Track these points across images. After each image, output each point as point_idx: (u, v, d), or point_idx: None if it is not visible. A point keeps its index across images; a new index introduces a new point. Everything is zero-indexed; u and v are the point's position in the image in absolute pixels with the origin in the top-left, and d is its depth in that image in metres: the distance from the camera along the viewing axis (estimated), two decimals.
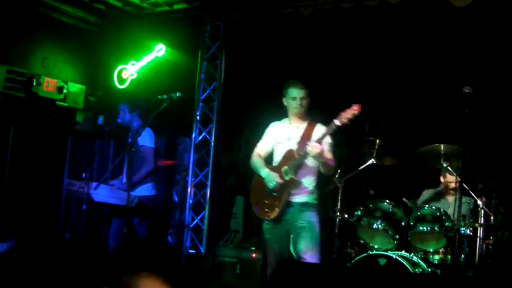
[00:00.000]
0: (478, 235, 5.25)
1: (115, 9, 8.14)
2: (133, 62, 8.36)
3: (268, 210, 5.31)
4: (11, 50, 7.66)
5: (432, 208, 5.51)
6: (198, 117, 7.66)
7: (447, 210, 5.54)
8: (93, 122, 8.57)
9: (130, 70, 8.38)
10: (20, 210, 7.45)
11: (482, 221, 5.25)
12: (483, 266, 5.20)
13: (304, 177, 5.27)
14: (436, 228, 5.36)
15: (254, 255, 6.61)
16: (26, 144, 7.66)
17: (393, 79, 6.95)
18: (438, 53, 6.60)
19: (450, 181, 5.92)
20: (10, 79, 7.56)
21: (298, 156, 5.21)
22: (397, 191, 6.22)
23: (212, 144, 7.60)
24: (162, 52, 8.12)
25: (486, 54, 6.31)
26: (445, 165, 5.61)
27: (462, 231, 5.25)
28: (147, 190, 6.40)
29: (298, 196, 5.26)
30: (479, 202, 5.29)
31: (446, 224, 5.36)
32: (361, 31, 6.96)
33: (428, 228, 5.40)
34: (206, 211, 7.50)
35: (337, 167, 5.53)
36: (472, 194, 5.38)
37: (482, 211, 5.26)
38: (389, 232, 5.56)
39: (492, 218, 5.26)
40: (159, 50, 8.13)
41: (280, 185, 5.23)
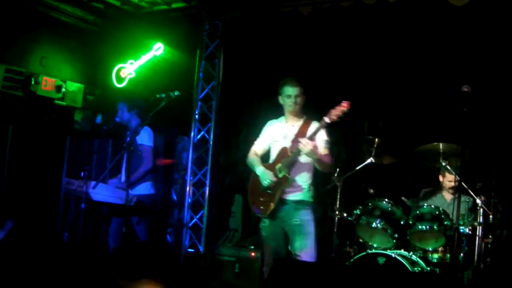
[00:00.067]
0: (477, 233, 5.25)
1: (114, 8, 8.12)
2: (132, 61, 8.36)
3: (263, 208, 5.32)
4: (9, 49, 7.64)
5: (431, 207, 5.51)
6: (197, 116, 7.65)
7: (445, 209, 5.54)
8: (92, 121, 8.56)
9: (129, 69, 8.38)
10: (19, 209, 7.44)
11: (481, 220, 5.24)
12: (482, 265, 5.20)
13: (298, 175, 5.26)
14: (435, 227, 5.37)
15: (253, 254, 6.62)
16: (25, 143, 7.66)
17: (392, 78, 6.95)
18: (437, 52, 6.60)
19: (449, 180, 5.92)
20: (9, 78, 7.55)
21: (291, 153, 5.22)
22: (396, 190, 6.22)
23: (211, 143, 7.58)
24: (161, 51, 8.12)
25: (484, 53, 6.31)
26: (444, 164, 5.62)
27: (461, 230, 5.25)
28: (146, 189, 6.41)
29: (293, 194, 5.26)
30: (478, 201, 5.29)
31: (445, 223, 5.37)
32: (360, 29, 6.97)
33: (427, 227, 5.41)
34: (205, 210, 7.49)
35: (334, 164, 5.50)
36: (471, 193, 5.38)
37: (481, 210, 5.26)
38: (388, 231, 5.57)
39: (491, 217, 5.26)
40: (158, 49, 8.12)
41: (274, 183, 5.24)
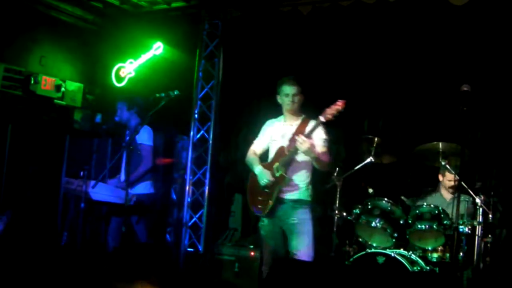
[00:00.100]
0: (477, 233, 5.25)
1: (113, 7, 8.11)
2: (131, 60, 8.35)
3: (261, 207, 5.33)
4: (9, 48, 7.64)
5: (431, 206, 5.51)
6: (196, 115, 7.63)
7: (444, 208, 5.53)
8: (91, 120, 8.56)
9: (128, 68, 8.37)
10: (18, 209, 7.43)
11: (481, 219, 5.25)
12: (481, 264, 5.20)
13: (295, 174, 5.26)
14: (434, 226, 5.36)
15: (252, 253, 6.63)
16: (24, 143, 7.66)
17: (391, 77, 6.95)
18: (437, 51, 6.59)
19: (449, 179, 5.91)
20: (8, 78, 7.55)
21: (288, 152, 5.22)
22: (396, 189, 6.21)
23: (210, 142, 7.57)
24: (160, 50, 8.12)
25: (484, 52, 6.31)
26: (443, 163, 5.61)
27: (461, 229, 5.25)
28: (145, 188, 6.41)
29: (291, 193, 5.26)
30: (478, 200, 5.29)
31: (445, 222, 5.36)
32: (360, 29, 6.96)
33: (427, 226, 5.40)
34: (205, 209, 7.48)
35: (332, 163, 5.49)
36: (471, 192, 5.38)
37: (481, 209, 5.26)
38: (388, 230, 5.56)
39: (490, 216, 5.26)
40: (157, 48, 8.12)
41: (271, 182, 5.25)
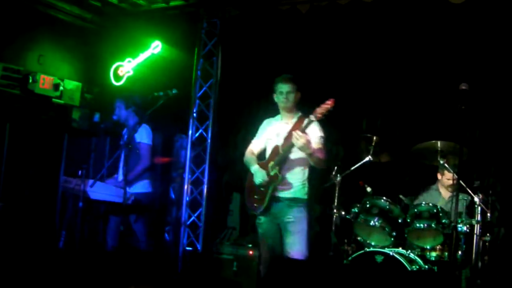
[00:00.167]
0: (475, 232, 5.25)
1: (112, 6, 8.10)
2: (130, 59, 8.33)
3: (257, 205, 5.36)
4: (7, 47, 7.62)
5: (429, 205, 5.50)
6: (195, 114, 7.63)
7: (443, 207, 5.53)
8: (89, 119, 8.55)
9: (127, 67, 8.36)
10: (16, 207, 7.43)
11: (479, 218, 5.25)
12: (480, 263, 5.20)
13: (290, 172, 5.27)
14: (433, 225, 5.36)
15: (251, 252, 6.63)
16: (22, 142, 7.65)
17: (390, 75, 6.94)
18: (435, 49, 6.59)
19: (447, 178, 5.91)
20: (6, 77, 7.54)
21: (282, 151, 5.25)
22: (394, 188, 6.21)
23: (209, 141, 7.57)
24: (159, 49, 8.10)
25: (482, 50, 6.31)
26: (442, 162, 5.60)
27: (459, 228, 5.25)
28: (143, 187, 6.40)
29: (286, 191, 5.27)
30: (476, 199, 5.29)
31: (443, 221, 5.36)
32: (358, 27, 6.95)
33: (425, 225, 5.40)
34: (203, 208, 7.48)
35: (328, 160, 5.47)
36: (469, 191, 5.38)
37: (479, 208, 5.26)
38: (386, 229, 5.56)
39: (489, 215, 5.26)
40: (156, 47, 8.10)
41: (266, 181, 5.27)
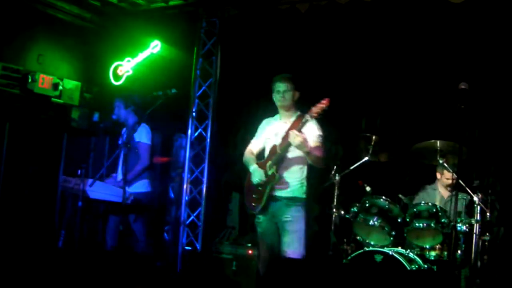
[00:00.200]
0: (474, 231, 5.25)
1: (111, 5, 8.10)
2: (129, 58, 8.34)
3: (255, 204, 5.38)
4: (6, 47, 7.62)
5: (428, 204, 5.50)
6: (194, 114, 7.63)
7: (442, 206, 5.53)
8: (89, 118, 8.54)
9: (126, 66, 8.36)
10: (16, 207, 7.43)
11: (478, 218, 5.25)
12: (479, 262, 5.20)
13: (288, 171, 5.29)
14: (432, 225, 5.36)
15: (250, 252, 6.62)
16: (22, 141, 7.64)
17: (389, 75, 6.94)
18: (435, 49, 6.59)
19: (447, 177, 5.91)
20: (5, 76, 7.54)
21: (279, 150, 5.25)
22: (393, 188, 6.20)
23: (208, 140, 7.57)
24: (158, 49, 8.10)
25: (482, 50, 6.30)
26: (441, 161, 5.61)
27: (458, 228, 5.24)
28: (143, 187, 6.40)
29: (284, 191, 5.28)
30: (475, 198, 5.29)
31: (442, 220, 5.36)
32: (358, 27, 6.95)
33: (424, 224, 5.40)
34: (202, 208, 7.47)
35: (326, 158, 5.47)
36: (468, 190, 5.37)
37: (478, 208, 5.26)
38: (385, 228, 5.56)
39: (488, 214, 5.26)
40: (155, 47, 8.10)
41: (263, 181, 5.29)
